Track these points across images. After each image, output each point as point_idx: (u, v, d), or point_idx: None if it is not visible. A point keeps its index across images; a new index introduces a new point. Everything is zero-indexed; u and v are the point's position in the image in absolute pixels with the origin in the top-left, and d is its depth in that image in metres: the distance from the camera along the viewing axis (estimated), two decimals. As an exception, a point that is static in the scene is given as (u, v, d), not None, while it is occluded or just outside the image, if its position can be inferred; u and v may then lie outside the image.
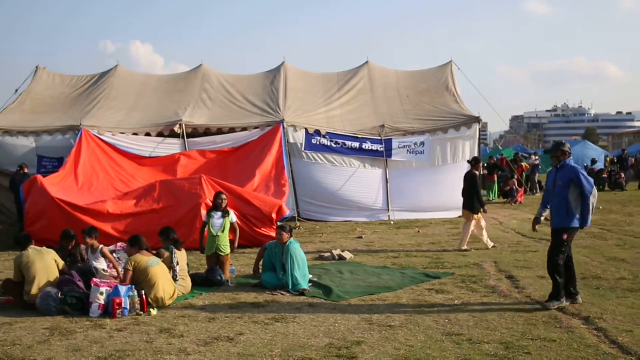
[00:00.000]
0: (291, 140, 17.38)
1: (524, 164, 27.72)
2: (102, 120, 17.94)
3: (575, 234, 8.38)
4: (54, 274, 8.59)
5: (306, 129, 17.62)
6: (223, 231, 10.44)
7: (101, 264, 9.65)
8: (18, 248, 8.88)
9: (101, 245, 9.77)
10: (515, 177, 24.52)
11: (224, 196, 10.82)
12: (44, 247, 8.95)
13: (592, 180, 8.29)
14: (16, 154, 17.70)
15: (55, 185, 14.06)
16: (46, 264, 8.57)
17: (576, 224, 8.19)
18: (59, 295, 8.15)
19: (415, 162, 18.13)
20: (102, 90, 20.00)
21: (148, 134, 17.64)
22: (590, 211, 8.18)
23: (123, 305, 7.92)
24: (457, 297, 8.70)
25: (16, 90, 20.19)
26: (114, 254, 10.22)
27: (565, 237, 8.21)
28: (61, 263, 8.88)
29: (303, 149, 17.53)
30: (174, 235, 9.63)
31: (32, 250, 8.60)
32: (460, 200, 12.73)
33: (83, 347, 6.66)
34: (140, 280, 8.34)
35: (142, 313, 8.03)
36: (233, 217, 10.75)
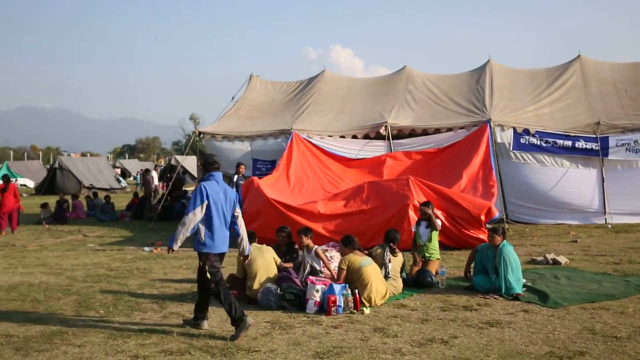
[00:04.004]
0: (498, 140, 16.87)
1: None
2: (311, 124, 18.65)
3: (211, 258, 7.25)
4: (273, 271, 9.05)
5: (514, 128, 17.01)
6: (430, 240, 10.57)
7: (315, 263, 9.95)
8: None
9: (315, 246, 10.04)
10: None
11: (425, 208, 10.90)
12: (264, 245, 9.44)
13: (199, 203, 7.05)
14: (233, 157, 18.93)
15: (270, 187, 14.82)
16: (266, 261, 9.05)
17: (201, 249, 7.20)
18: (278, 291, 8.58)
19: (635, 162, 16.83)
20: (310, 95, 20.79)
21: (354, 136, 18.03)
22: (180, 232, 7.03)
23: (337, 303, 8.13)
24: (693, 309, 7.93)
25: (232, 98, 21.60)
26: (326, 253, 10.52)
27: (200, 264, 7.29)
28: (278, 260, 9.33)
29: (511, 149, 16.94)
30: (394, 236, 9.74)
31: (254, 248, 9.09)
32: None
33: (302, 341, 6.93)
34: (354, 279, 8.52)
35: (355, 311, 8.19)
36: (438, 225, 10.78)
